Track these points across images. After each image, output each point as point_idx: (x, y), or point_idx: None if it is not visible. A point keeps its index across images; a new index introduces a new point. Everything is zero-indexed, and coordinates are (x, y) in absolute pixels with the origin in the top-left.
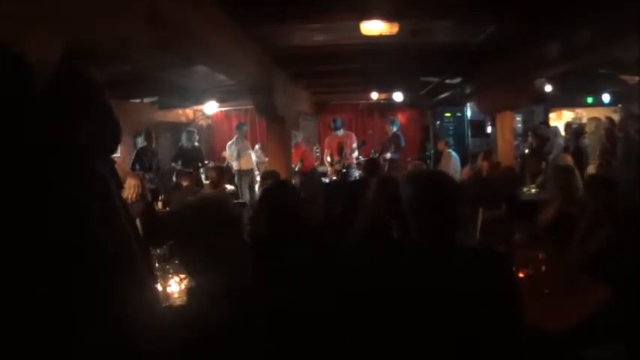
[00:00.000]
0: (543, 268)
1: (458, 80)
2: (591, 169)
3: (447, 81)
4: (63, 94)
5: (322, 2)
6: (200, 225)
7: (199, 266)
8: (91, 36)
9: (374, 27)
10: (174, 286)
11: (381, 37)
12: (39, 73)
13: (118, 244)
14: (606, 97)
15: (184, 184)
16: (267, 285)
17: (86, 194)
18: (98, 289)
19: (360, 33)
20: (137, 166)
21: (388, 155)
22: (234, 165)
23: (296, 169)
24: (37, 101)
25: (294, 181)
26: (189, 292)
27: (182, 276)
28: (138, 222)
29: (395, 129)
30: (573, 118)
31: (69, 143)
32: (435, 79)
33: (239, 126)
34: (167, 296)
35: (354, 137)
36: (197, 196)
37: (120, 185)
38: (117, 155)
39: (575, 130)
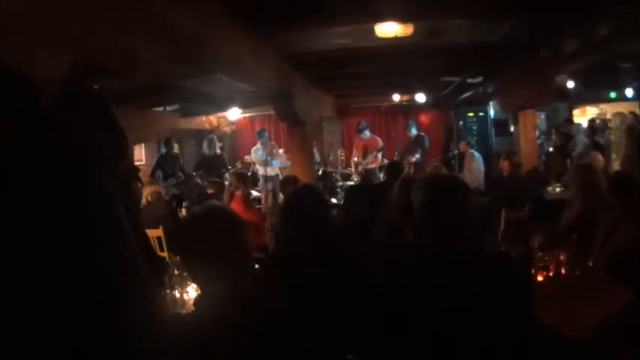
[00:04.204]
0: (563, 270)
1: (479, 79)
2: (616, 166)
3: (469, 80)
4: (67, 109)
5: (334, 6)
6: (203, 236)
7: (204, 276)
8: (100, 52)
9: (388, 29)
10: (192, 293)
11: (396, 38)
12: (47, 90)
13: (117, 252)
14: (629, 92)
15: (209, 192)
16: (278, 291)
17: (86, 204)
18: (95, 295)
19: (376, 35)
20: (159, 173)
21: (413, 159)
22: (261, 170)
23: None
24: (42, 116)
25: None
26: (196, 300)
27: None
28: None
29: (415, 132)
30: (597, 114)
31: (72, 154)
32: (456, 79)
33: (260, 132)
34: (184, 303)
35: (379, 143)
36: (201, 207)
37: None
38: (142, 163)
39: (591, 127)
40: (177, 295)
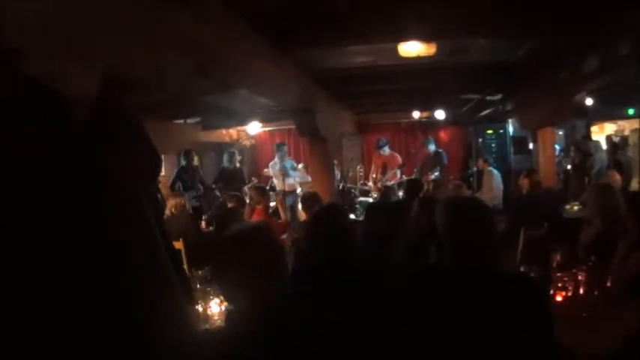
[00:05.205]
0: (582, 290)
1: (499, 97)
2: (635, 184)
3: (488, 98)
4: (100, 125)
5: (359, 25)
6: (238, 255)
7: (237, 293)
8: (128, 69)
9: (411, 48)
10: (215, 308)
11: (419, 57)
12: (77, 107)
13: (152, 267)
14: None
15: (229, 205)
16: (305, 309)
17: (123, 221)
18: (130, 309)
19: (399, 54)
20: (179, 185)
21: (432, 176)
22: (278, 185)
23: None
24: (75, 134)
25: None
26: (227, 315)
27: (223, 298)
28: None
29: (433, 148)
30: (615, 131)
31: (107, 172)
32: (475, 97)
33: (279, 145)
34: (207, 318)
35: (398, 160)
36: (237, 226)
37: (163, 204)
38: (161, 175)
39: (612, 144)
40: (201, 309)
